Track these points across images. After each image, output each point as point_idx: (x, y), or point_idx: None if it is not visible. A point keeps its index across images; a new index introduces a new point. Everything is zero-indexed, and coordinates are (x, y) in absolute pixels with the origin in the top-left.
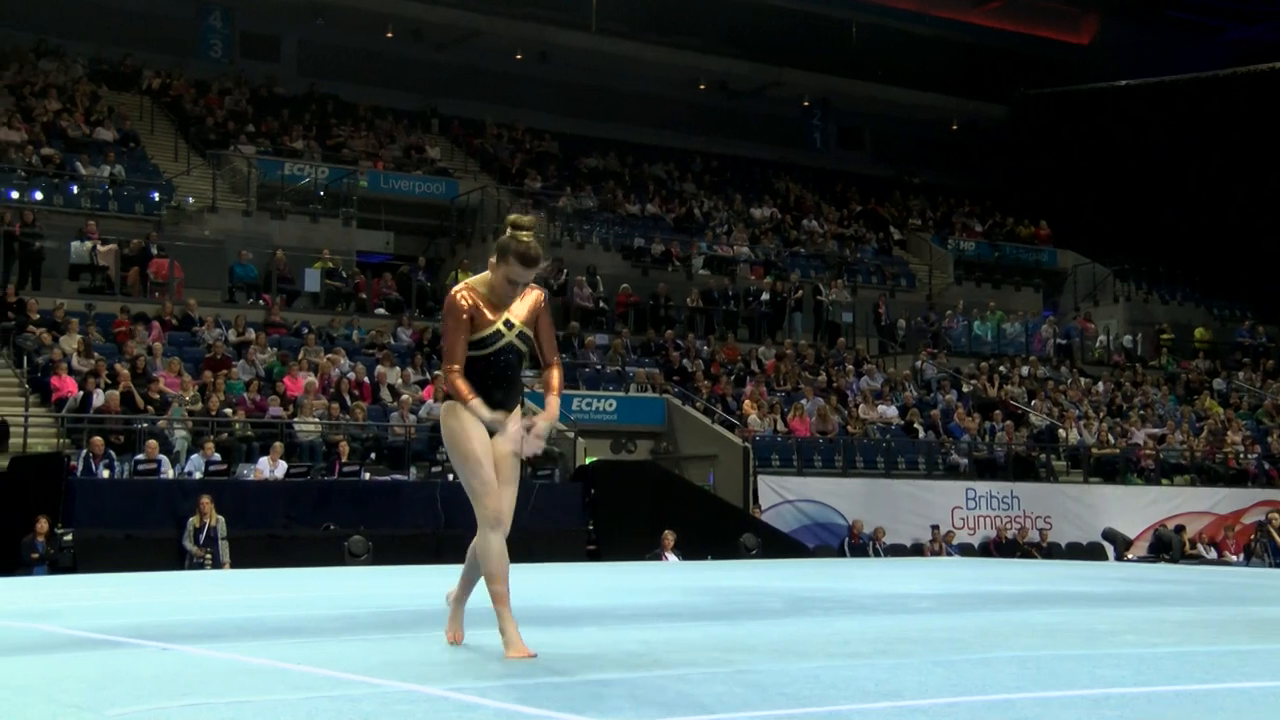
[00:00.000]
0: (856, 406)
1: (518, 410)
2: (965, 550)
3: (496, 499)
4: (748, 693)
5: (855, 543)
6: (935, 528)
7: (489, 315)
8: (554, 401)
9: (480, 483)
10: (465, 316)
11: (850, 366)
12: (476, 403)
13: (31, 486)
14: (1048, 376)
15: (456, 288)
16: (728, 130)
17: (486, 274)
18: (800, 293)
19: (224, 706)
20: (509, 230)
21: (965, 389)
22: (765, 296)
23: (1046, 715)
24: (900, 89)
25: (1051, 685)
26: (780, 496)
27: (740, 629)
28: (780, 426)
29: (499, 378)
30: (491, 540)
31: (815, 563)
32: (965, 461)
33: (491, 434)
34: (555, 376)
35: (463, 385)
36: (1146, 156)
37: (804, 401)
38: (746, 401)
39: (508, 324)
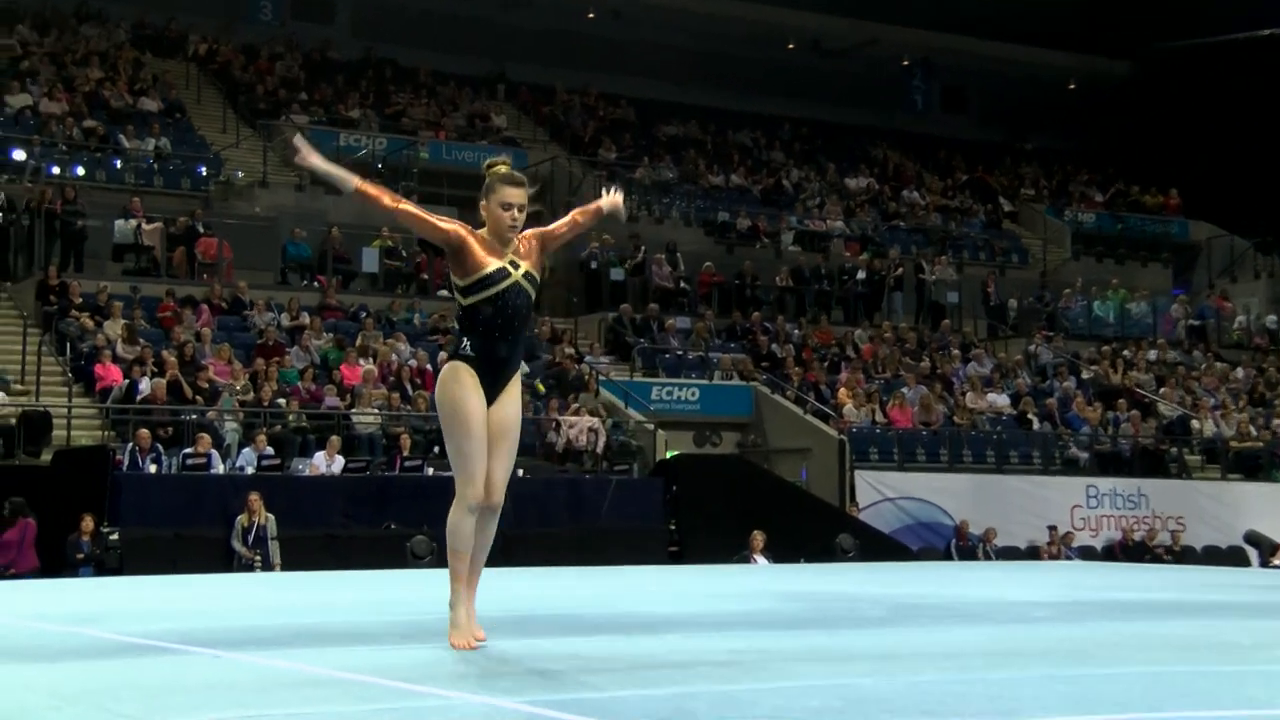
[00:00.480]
0: (963, 395)
1: (517, 376)
2: (1086, 554)
3: (481, 483)
4: (847, 707)
5: (963, 544)
6: (1053, 529)
7: (489, 256)
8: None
9: (469, 460)
10: (449, 229)
11: (956, 351)
12: (335, 171)
13: (76, 482)
14: (1179, 361)
15: None
16: (820, 93)
17: (484, 229)
18: (900, 270)
19: (282, 718)
20: (486, 174)
21: (1085, 375)
22: (861, 275)
23: None
24: (1010, 45)
25: (1189, 704)
26: (879, 494)
27: (838, 638)
28: (879, 417)
29: (506, 325)
30: (465, 520)
31: (919, 566)
32: (1086, 456)
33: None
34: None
35: (369, 186)
36: None
37: (905, 390)
38: (842, 390)
39: (513, 264)
